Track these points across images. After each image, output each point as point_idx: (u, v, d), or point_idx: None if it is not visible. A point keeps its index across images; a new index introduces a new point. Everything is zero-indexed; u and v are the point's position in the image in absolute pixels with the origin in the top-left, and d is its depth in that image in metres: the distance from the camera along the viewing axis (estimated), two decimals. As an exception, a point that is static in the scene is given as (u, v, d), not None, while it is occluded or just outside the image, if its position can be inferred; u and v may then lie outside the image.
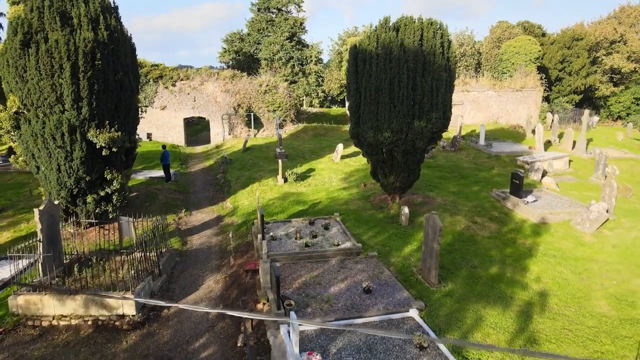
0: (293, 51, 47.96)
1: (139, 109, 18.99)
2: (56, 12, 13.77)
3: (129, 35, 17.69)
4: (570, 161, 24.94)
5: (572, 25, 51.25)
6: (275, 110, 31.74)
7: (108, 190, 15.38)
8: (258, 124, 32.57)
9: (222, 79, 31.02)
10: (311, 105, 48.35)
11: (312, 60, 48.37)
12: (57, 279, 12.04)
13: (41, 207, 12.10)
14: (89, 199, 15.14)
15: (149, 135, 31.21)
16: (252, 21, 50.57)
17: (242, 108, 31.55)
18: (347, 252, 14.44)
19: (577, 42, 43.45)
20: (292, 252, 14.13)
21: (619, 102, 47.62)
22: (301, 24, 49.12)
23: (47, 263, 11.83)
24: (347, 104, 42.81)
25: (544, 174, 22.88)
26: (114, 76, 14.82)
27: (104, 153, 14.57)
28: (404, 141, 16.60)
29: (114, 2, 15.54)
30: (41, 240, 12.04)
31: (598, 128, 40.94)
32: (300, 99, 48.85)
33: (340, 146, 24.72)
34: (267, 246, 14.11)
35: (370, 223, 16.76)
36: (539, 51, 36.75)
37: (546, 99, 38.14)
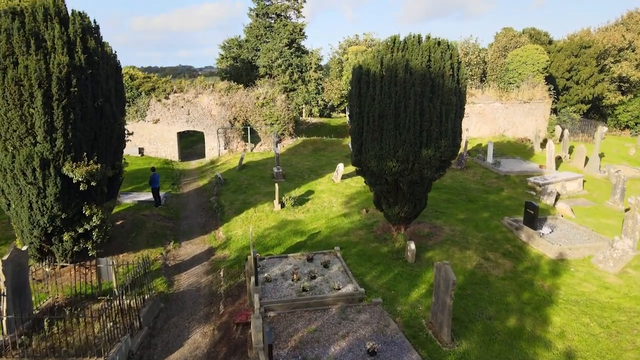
0: (292, 58, 46.61)
1: (125, 132, 17.68)
2: (28, 34, 12.45)
3: (113, 53, 16.43)
4: (583, 181, 23.62)
5: (578, 31, 49.95)
6: (272, 124, 30.41)
7: (87, 226, 14.05)
8: (255, 138, 31.26)
9: (217, 92, 29.70)
10: (311, 114, 47.01)
11: (311, 68, 47.03)
12: (23, 337, 10.71)
13: (5, 257, 10.78)
14: (66, 237, 13.81)
15: (140, 150, 29.89)
16: (250, 27, 49.22)
17: (238, 122, 30.22)
18: (348, 298, 13.12)
19: (585, 49, 42.10)
20: (289, 299, 12.80)
21: (627, 111, 46.27)
22: (301, 30, 47.77)
23: (11, 321, 10.50)
24: (347, 112, 41.46)
25: (557, 196, 21.55)
26: (93, 103, 13.50)
27: (81, 188, 13.24)
28: (410, 171, 15.27)
29: (94, 22, 14.21)
30: (5, 294, 10.71)
31: (607, 138, 39.59)
32: (300, 107, 47.52)
33: (340, 166, 23.40)
34: (260, 294, 12.78)
35: (374, 259, 15.42)
36: (547, 61, 35.43)
37: (554, 110, 36.81)
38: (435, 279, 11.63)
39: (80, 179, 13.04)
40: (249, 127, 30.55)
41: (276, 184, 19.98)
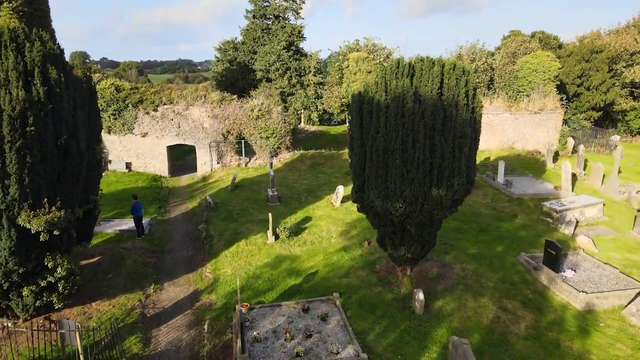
0: (290, 61, 44.69)
1: (101, 160, 15.94)
2: (-25, 64, 10.67)
3: (87, 75, 14.69)
4: (603, 204, 21.85)
5: (588, 33, 48.02)
6: (268, 137, 28.61)
7: (51, 279, 12.32)
8: (250, 152, 29.49)
9: (209, 103, 27.89)
10: (310, 119, 45.14)
11: (310, 71, 45.13)
12: None
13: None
14: (26, 292, 12.09)
15: (128, 165, 28.13)
16: (247, 29, 47.26)
17: (231, 135, 28.44)
18: (349, 366, 11.42)
19: (597, 54, 40.23)
20: (280, 370, 11.12)
21: (639, 118, 44.45)
22: (299, 32, 45.81)
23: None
24: (347, 120, 39.64)
25: (576, 224, 19.80)
26: (55, 141, 11.73)
27: (42, 238, 11.50)
28: (419, 213, 13.53)
29: (59, 47, 12.40)
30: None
31: (619, 144, 37.81)
32: (299, 112, 45.67)
33: (340, 189, 21.65)
34: (247, 364, 11.08)
35: (377, 310, 13.71)
36: (559, 69, 33.58)
37: (565, 121, 35.02)
38: (451, 356, 9.92)
39: (39, 230, 11.30)
40: (243, 141, 28.78)
41: (270, 215, 18.23)
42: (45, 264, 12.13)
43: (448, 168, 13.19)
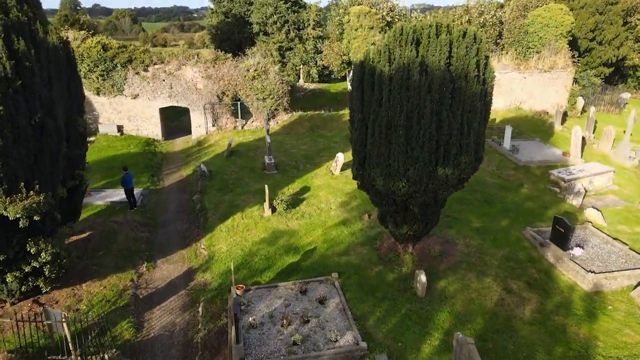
0: (288, 14, 42.49)
1: (86, 132, 15.04)
2: None
3: (64, 41, 13.52)
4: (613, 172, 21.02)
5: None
6: (265, 99, 27.36)
7: (35, 264, 11.73)
8: (246, 113, 28.34)
9: (202, 63, 26.43)
10: (309, 76, 43.44)
11: (309, 25, 43.01)
12: None
13: None
14: (10, 277, 11.56)
15: (119, 129, 27.05)
16: (243, -22, 44.68)
17: (227, 96, 27.17)
18: (347, 355, 11.03)
19: (612, 6, 38.07)
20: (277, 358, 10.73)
21: (651, 74, 42.76)
22: (298, -19, 43.31)
23: None
24: (348, 78, 38.13)
25: (584, 195, 19.07)
26: (28, 120, 10.77)
27: (21, 225, 10.80)
28: (423, 193, 12.76)
29: (33, 13, 11.16)
30: None
31: (629, 102, 36.58)
32: (297, 68, 43.90)
33: (340, 157, 20.77)
34: (242, 354, 10.66)
35: (378, 292, 13.24)
36: (572, 23, 31.71)
37: (576, 80, 33.52)
38: (455, 355, 9.46)
39: (17, 216, 10.58)
40: (239, 103, 27.57)
41: (266, 187, 17.47)
42: (28, 249, 11.50)
43: (455, 145, 12.29)
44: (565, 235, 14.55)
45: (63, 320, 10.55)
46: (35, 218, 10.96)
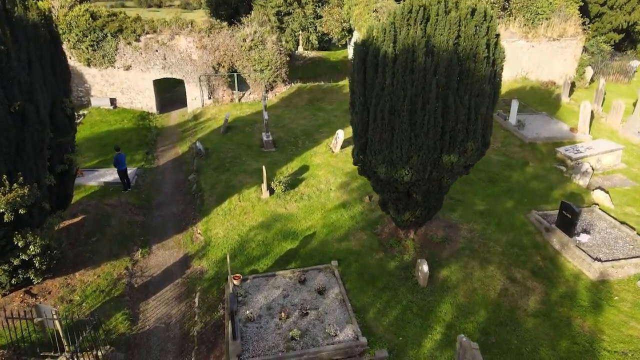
0: (286, -24, 40.53)
1: (74, 114, 14.36)
2: None
3: (45, 17, 12.66)
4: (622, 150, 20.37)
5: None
6: (263, 70, 26.34)
7: (24, 257, 11.32)
8: (243, 85, 27.38)
9: (197, 32, 25.25)
10: (308, 42, 41.87)
11: (309, -13, 41.10)
12: None
13: None
14: (-2, 272, 11.17)
15: (112, 102, 26.16)
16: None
17: (223, 67, 26.13)
18: (347, 351, 10.79)
19: (625, -32, 36.28)
20: (273, 357, 10.48)
21: (662, 40, 41.26)
22: (296, -60, 41.07)
23: None
24: (349, 47, 36.78)
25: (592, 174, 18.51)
26: (7, 108, 10.09)
27: (6, 219, 10.32)
28: (426, 181, 12.21)
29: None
30: None
31: (638, 72, 35.39)
32: (296, 34, 42.28)
33: (340, 134, 20.08)
34: (239, 350, 10.40)
35: (378, 281, 12.91)
36: (584, -13, 30.24)
37: (585, 49, 32.23)
38: (458, 357, 9.16)
39: (1, 211, 10.08)
40: (235, 74, 26.56)
41: (264, 168, 16.89)
42: (15, 243, 11.06)
43: (462, 132, 11.66)
44: (571, 221, 14.09)
45: (54, 317, 10.23)
46: (21, 211, 10.46)
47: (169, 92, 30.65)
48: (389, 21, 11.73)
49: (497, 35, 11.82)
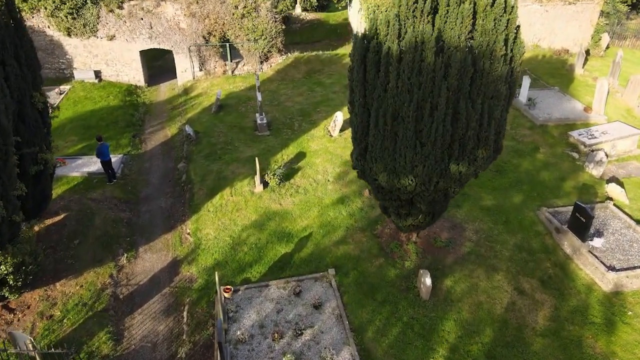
0: None
1: (47, 108, 13.16)
2: None
3: (7, 3, 11.26)
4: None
5: None
6: (257, 40, 24.55)
7: (-4, 276, 10.50)
8: (237, 55, 25.67)
9: (184, -1, 23.32)
10: (305, 2, 39.42)
11: (306, -60, 38.17)
12: None
13: None
14: (-31, 294, 10.38)
15: (97, 74, 24.52)
16: None
17: (214, 37, 24.34)
18: (344, 378, 10.17)
19: None
20: (266, 387, 9.88)
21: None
22: None
23: None
24: (349, 9, 34.53)
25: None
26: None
27: (-30, 242, 9.40)
28: (432, 191, 11.17)
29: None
30: None
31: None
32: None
33: (339, 117, 18.78)
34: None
35: (378, 294, 12.16)
36: (605, -56, 27.81)
37: (602, 13, 30.08)
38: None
39: (-38, 237, 9.14)
40: (228, 44, 24.80)
41: (257, 160, 15.77)
42: (-16, 264, 10.19)
43: (473, 139, 10.50)
44: (585, 225, 13.14)
45: (30, 348, 9.52)
46: (-14, 232, 9.52)
47: (159, 60, 28.92)
48: (393, 12, 10.28)
49: (518, 28, 10.42)
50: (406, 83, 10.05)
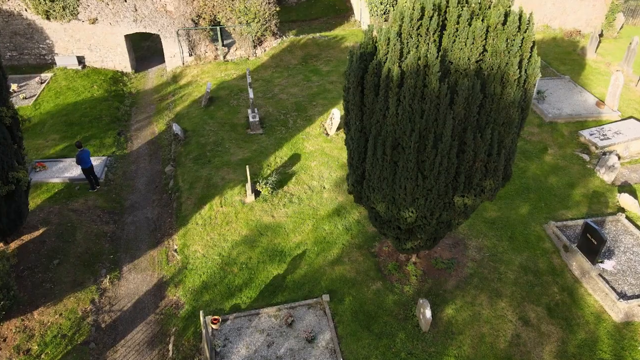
0: None
1: (17, 121, 12.14)
2: None
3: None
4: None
5: None
6: (249, 23, 23.02)
7: (-36, 318, 9.77)
8: (229, 38, 24.17)
9: (170, -21, 21.65)
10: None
11: None
12: None
13: None
14: None
15: (80, 60, 23.10)
16: None
17: (204, 19, 22.79)
18: None
19: None
20: None
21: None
22: None
23: None
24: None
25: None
26: None
27: None
28: (435, 225, 10.29)
29: None
30: None
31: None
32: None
33: (336, 114, 17.64)
34: None
35: (375, 324, 11.48)
36: None
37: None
38: None
39: None
40: (219, 27, 23.28)
41: (247, 168, 14.79)
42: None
43: (481, 170, 9.52)
44: (596, 249, 12.32)
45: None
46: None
47: (147, 41, 27.39)
48: (394, 30, 9.08)
49: (533, 44, 9.26)
50: (407, 110, 8.99)
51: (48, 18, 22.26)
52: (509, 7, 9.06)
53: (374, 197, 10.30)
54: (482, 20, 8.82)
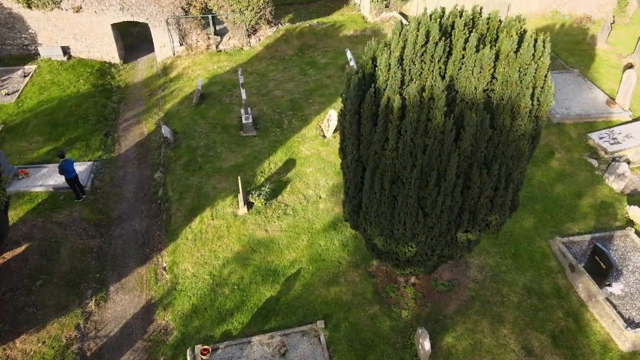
0: None
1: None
2: None
3: None
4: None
5: None
6: (242, 11, 21.82)
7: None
8: (222, 27, 22.99)
9: (157, -35, 20.33)
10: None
11: None
12: None
13: None
14: None
15: (65, 51, 21.97)
16: None
17: (194, 7, 21.58)
18: None
19: None
20: None
21: None
22: None
23: None
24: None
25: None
26: None
27: None
28: (436, 260, 9.67)
29: None
30: None
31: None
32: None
33: (333, 115, 16.79)
34: None
35: (371, 354, 11.03)
36: None
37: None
38: None
39: None
40: (210, 16, 22.08)
41: (239, 179, 14.06)
42: None
43: (486, 206, 8.83)
44: (605, 272, 11.75)
45: None
46: None
47: (137, 27, 26.12)
48: (395, 55, 8.22)
49: (547, 72, 8.41)
50: (409, 144, 8.23)
51: (29, 6, 21.06)
52: (523, 30, 8.18)
53: (371, 230, 9.64)
54: (491, 47, 7.94)
